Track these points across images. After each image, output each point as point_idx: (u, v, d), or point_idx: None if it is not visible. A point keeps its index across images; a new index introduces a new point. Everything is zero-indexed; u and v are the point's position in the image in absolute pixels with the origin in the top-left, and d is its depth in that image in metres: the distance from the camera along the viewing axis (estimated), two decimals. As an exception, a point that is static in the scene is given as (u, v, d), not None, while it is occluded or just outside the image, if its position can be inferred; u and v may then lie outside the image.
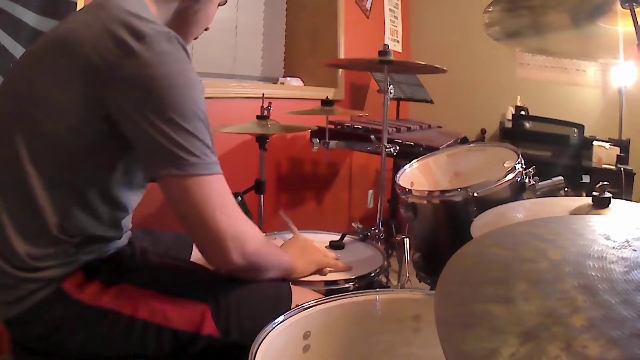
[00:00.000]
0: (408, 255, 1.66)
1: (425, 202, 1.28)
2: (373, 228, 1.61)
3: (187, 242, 1.13)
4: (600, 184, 0.91)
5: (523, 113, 2.98)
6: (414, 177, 1.48)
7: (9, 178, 0.77)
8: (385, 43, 1.68)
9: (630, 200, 0.97)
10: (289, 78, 2.56)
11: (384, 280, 1.24)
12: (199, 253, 0.81)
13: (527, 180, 1.22)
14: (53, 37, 0.79)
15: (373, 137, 1.73)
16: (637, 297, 0.40)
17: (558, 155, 2.66)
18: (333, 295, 0.84)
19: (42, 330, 0.78)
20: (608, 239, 0.52)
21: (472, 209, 1.17)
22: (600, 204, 0.90)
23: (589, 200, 0.92)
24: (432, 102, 2.97)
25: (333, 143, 2.00)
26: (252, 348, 0.67)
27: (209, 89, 1.91)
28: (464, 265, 0.52)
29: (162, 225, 1.24)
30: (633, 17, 1.07)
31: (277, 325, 0.73)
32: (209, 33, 1.03)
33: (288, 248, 1.05)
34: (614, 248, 0.49)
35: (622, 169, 2.44)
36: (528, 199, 1.19)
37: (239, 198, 1.66)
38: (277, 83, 2.55)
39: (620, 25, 1.21)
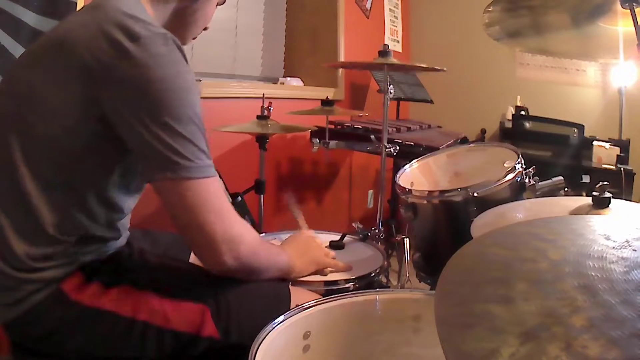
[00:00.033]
0: (408, 255, 1.66)
1: (425, 202, 1.28)
2: (373, 228, 1.62)
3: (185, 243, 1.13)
4: (600, 184, 0.91)
5: (523, 113, 2.98)
6: (414, 177, 1.48)
7: (4, 179, 0.77)
8: (385, 43, 1.68)
9: (630, 200, 0.97)
10: (289, 78, 2.56)
11: (384, 280, 1.23)
12: None
13: (527, 180, 1.22)
14: (51, 37, 0.79)
15: (373, 137, 1.73)
16: (637, 297, 0.40)
17: (558, 155, 2.66)
18: (333, 295, 0.83)
19: (41, 332, 0.78)
20: (608, 239, 0.52)
21: (472, 209, 1.16)
22: (600, 204, 0.90)
23: (589, 200, 0.92)
24: (432, 102, 2.97)
25: (333, 143, 2.01)
26: (252, 348, 0.67)
27: (209, 89, 1.94)
28: (464, 265, 0.52)
29: (160, 226, 1.24)
30: (633, 17, 1.07)
31: (277, 325, 0.73)
32: (209, 33, 1.03)
33: (288, 247, 1.04)
34: (614, 248, 0.49)
35: (622, 169, 2.44)
36: (528, 199, 1.19)
37: (239, 198, 1.66)
38: (277, 83, 2.55)
39: (620, 25, 1.21)
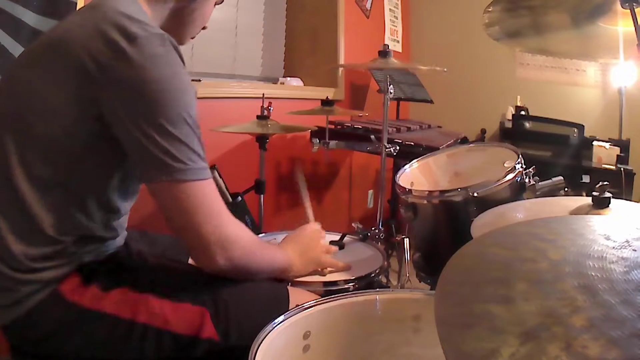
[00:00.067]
0: (408, 255, 1.67)
1: (425, 202, 1.28)
2: (373, 228, 1.62)
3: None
4: (600, 184, 0.91)
5: (523, 113, 2.98)
6: (414, 177, 1.48)
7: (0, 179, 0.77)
8: (385, 43, 1.68)
9: (630, 200, 0.97)
10: (289, 78, 2.56)
11: (384, 281, 1.23)
12: None
13: (527, 180, 1.22)
14: (50, 37, 0.79)
15: (373, 137, 1.73)
16: (637, 297, 0.40)
17: (558, 155, 2.66)
18: (333, 295, 0.83)
19: (40, 334, 0.77)
20: (608, 239, 0.52)
21: (472, 209, 1.16)
22: (600, 204, 0.90)
23: (589, 200, 0.92)
24: (432, 102, 2.97)
25: (333, 143, 2.01)
26: (252, 348, 0.66)
27: (209, 89, 1.94)
28: (464, 265, 0.52)
29: (159, 227, 1.24)
30: (633, 17, 1.07)
31: (277, 325, 0.73)
32: (209, 33, 1.03)
33: (288, 245, 1.02)
34: (614, 248, 0.49)
35: (622, 169, 2.44)
36: (528, 199, 1.19)
37: (239, 198, 1.66)
38: (277, 83, 2.55)
39: (620, 25, 1.21)
